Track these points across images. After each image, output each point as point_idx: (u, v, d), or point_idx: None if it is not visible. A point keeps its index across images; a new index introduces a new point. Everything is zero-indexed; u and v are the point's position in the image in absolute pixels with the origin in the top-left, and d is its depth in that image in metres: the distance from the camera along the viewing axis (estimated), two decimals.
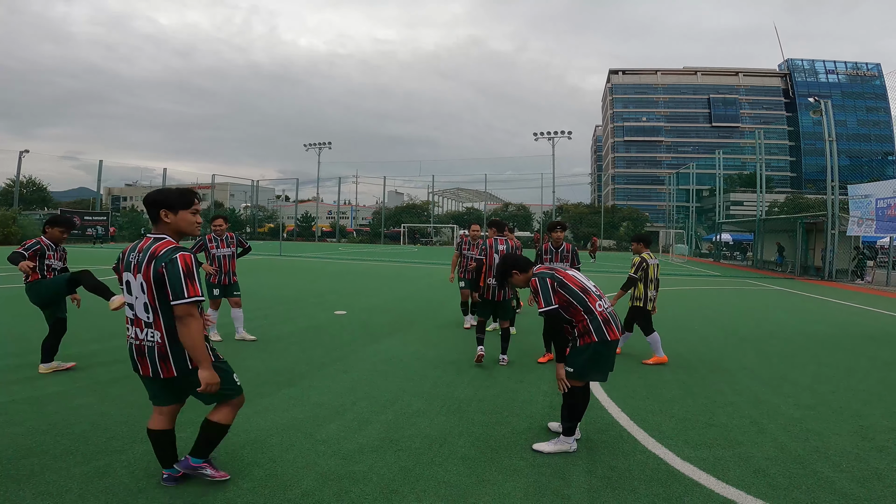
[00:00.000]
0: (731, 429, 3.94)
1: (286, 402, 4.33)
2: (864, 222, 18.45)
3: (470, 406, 4.30)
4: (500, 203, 64.66)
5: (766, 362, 6.17)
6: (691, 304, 12.07)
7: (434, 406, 4.29)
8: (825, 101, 21.93)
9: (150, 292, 2.64)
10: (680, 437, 3.74)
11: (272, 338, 6.84)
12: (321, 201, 70.83)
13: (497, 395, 4.63)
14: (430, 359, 5.92)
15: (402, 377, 5.14)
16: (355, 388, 4.74)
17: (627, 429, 3.88)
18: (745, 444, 3.64)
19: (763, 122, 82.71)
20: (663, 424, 3.99)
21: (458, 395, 4.57)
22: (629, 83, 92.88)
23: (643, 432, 3.81)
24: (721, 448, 3.57)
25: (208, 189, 58.91)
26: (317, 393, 4.60)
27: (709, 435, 3.80)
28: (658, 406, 4.42)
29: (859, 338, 8.06)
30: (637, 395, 4.70)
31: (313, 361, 5.68)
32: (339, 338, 6.92)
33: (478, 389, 4.77)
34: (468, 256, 7.61)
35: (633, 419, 4.07)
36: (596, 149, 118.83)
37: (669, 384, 5.11)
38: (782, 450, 3.56)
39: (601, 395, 4.66)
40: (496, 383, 4.98)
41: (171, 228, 2.75)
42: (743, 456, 3.44)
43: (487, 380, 5.09)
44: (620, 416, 4.15)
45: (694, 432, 3.84)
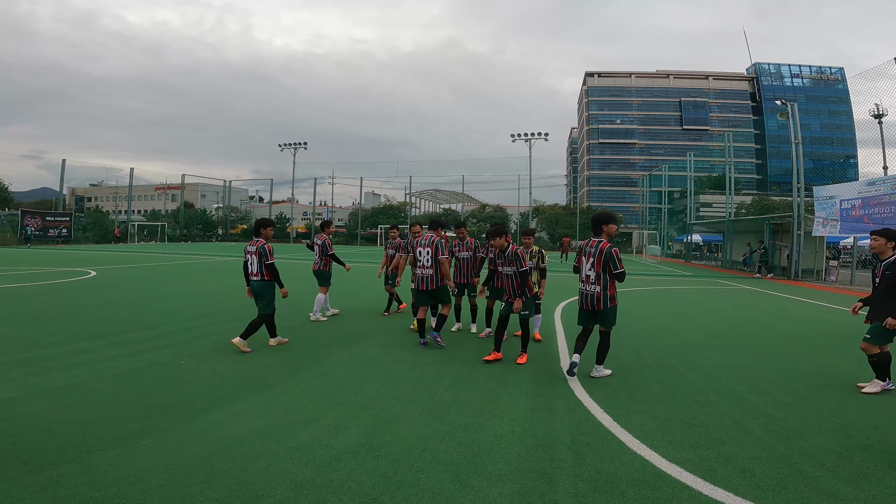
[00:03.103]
0: (714, 428, 3.91)
1: (259, 408, 4.13)
2: (828, 223, 19.03)
3: (450, 409, 4.17)
4: (477, 204, 64.76)
5: (743, 360, 6.22)
6: (666, 303, 12.21)
7: (414, 410, 4.15)
8: (792, 104, 22.55)
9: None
10: (664, 438, 3.68)
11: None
12: (296, 202, 69.75)
13: (478, 397, 4.51)
14: (408, 361, 5.77)
15: (380, 380, 4.98)
16: (331, 393, 4.57)
17: (612, 430, 3.81)
18: (729, 444, 3.61)
19: (731, 125, 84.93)
20: (647, 425, 3.93)
21: (439, 399, 4.44)
22: (604, 86, 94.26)
23: (627, 434, 3.75)
24: (705, 448, 3.53)
25: (178, 190, 57.35)
26: (291, 397, 4.41)
27: (692, 435, 3.76)
28: (640, 406, 4.37)
29: (830, 335, 8.23)
30: (619, 396, 4.65)
31: (288, 365, 5.47)
32: (315, 340, 6.72)
33: (458, 392, 4.64)
34: (462, 258, 7.49)
35: (617, 420, 4.01)
36: (571, 151, 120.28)
37: (650, 384, 5.08)
38: (766, 449, 3.54)
39: (583, 397, 4.59)
40: (476, 386, 4.86)
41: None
42: (728, 456, 3.40)
43: (467, 382, 4.98)
44: (604, 417, 4.08)
45: (678, 433, 3.80)
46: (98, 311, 8.44)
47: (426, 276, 6.50)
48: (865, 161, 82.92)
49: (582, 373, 5.32)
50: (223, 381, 4.85)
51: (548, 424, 3.90)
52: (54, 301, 9.41)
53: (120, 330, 6.92)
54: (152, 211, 67.10)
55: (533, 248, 6.74)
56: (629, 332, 7.72)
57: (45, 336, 6.41)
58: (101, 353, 5.69)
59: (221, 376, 5.00)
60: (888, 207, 15.90)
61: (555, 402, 4.44)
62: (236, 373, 5.13)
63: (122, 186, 62.65)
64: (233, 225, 61.63)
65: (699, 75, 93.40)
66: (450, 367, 5.52)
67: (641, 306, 11.17)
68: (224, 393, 4.50)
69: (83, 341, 6.22)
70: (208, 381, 4.82)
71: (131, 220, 49.29)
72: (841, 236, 23.46)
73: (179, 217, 56.51)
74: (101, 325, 7.16)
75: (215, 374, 5.10)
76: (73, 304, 9.03)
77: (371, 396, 4.48)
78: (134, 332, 6.85)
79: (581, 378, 5.18)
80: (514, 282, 5.81)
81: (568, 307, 10.07)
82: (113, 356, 5.56)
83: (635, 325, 8.51)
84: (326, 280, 8.35)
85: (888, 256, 4.94)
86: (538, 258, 6.75)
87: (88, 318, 7.67)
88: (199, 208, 65.13)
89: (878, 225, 16.58)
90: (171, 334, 6.77)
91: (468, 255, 7.45)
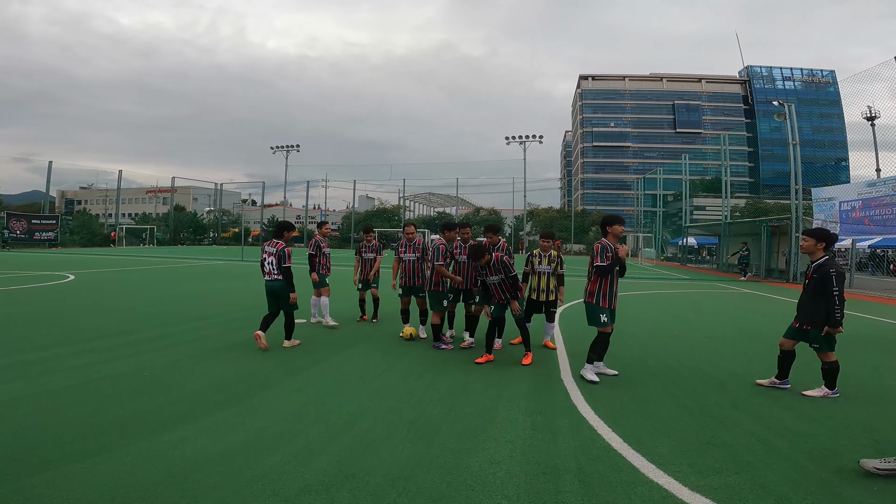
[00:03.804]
0: (738, 448, 3.46)
1: (222, 426, 3.65)
2: (828, 225, 18.72)
3: (440, 429, 3.70)
4: (471, 208, 64.37)
5: (755, 368, 5.78)
6: (667, 306, 11.81)
7: (399, 430, 3.67)
8: (789, 105, 22.31)
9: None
10: (683, 462, 3.23)
11: (218, 349, 6.09)
12: (289, 205, 69.08)
13: (471, 414, 4.04)
14: (397, 371, 5.30)
15: (363, 394, 4.50)
16: (307, 409, 4.08)
17: (623, 453, 3.35)
18: (758, 467, 3.16)
19: (724, 128, 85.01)
20: (661, 446, 3.48)
21: (427, 416, 3.96)
22: (598, 88, 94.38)
23: (641, 457, 3.29)
24: (732, 473, 3.08)
25: (168, 192, 56.57)
26: (261, 414, 3.93)
27: (715, 457, 3.31)
28: (652, 424, 3.92)
29: (840, 341, 7.79)
30: (626, 412, 4.19)
31: (262, 376, 4.98)
32: (294, 349, 6.22)
33: (449, 408, 4.17)
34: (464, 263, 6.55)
35: (628, 441, 3.55)
36: (566, 154, 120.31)
37: (659, 397, 4.63)
38: (801, 472, 3.10)
39: (588, 413, 4.13)
40: (470, 400, 4.39)
41: None
42: (759, 482, 2.96)
43: (460, 396, 4.50)
44: (612, 437, 3.62)
45: (698, 455, 3.35)
46: (65, 317, 7.91)
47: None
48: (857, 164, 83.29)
49: (585, 387, 4.88)
50: (190, 393, 4.37)
51: (550, 447, 3.43)
52: (20, 307, 8.86)
53: (85, 338, 6.41)
54: (143, 214, 66.24)
55: (551, 252, 6.35)
56: (632, 338, 7.29)
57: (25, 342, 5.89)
58: (58, 363, 5.18)
59: (188, 389, 4.52)
60: (889, 209, 15.62)
61: (557, 419, 3.97)
62: (206, 385, 4.64)
63: (111, 189, 61.76)
64: (224, 228, 60.86)
65: (692, 78, 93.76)
66: (442, 379, 5.04)
67: (642, 310, 10.75)
68: (188, 408, 4.02)
69: (38, 351, 5.70)
70: (173, 394, 4.33)
71: (119, 224, 48.47)
72: (840, 238, 23.20)
73: (169, 220, 55.73)
74: (65, 333, 6.63)
75: (182, 385, 4.61)
76: (39, 311, 8.48)
77: (353, 413, 4.00)
78: (100, 339, 6.33)
79: (583, 390, 4.73)
80: (503, 287, 5.72)
81: (566, 312, 9.62)
82: (72, 366, 5.05)
83: (637, 329, 8.08)
84: (323, 282, 7.92)
85: (818, 258, 4.75)
86: (557, 263, 6.32)
87: (53, 326, 7.14)
88: (190, 211, 64.28)
89: (879, 227, 16.32)
90: (139, 343, 6.26)
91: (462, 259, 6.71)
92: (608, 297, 5.12)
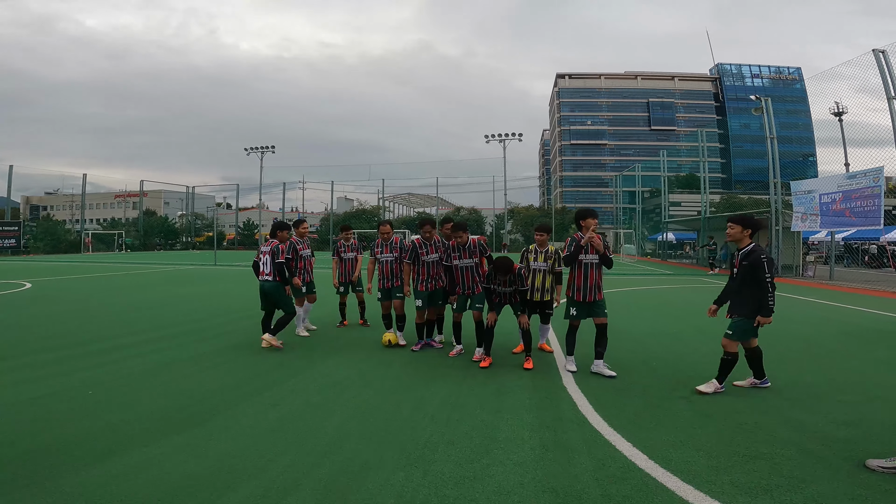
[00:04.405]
0: (782, 461, 3.03)
1: (183, 452, 3.10)
2: (808, 217, 18.79)
3: (436, 452, 3.19)
4: (451, 207, 63.91)
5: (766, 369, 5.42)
6: (657, 303, 11.51)
7: (389, 454, 3.15)
8: (765, 99, 22.42)
9: None
10: (724, 479, 2.79)
11: (182, 360, 5.47)
12: (265, 208, 67.50)
13: (470, 432, 3.53)
14: (384, 384, 4.75)
15: (347, 411, 3.95)
16: (283, 429, 3.53)
17: (650, 473, 2.89)
18: (815, 482, 2.74)
19: (696, 124, 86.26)
20: (694, 462, 3.03)
21: (421, 437, 3.44)
22: (575, 87, 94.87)
23: (672, 476, 2.83)
24: (786, 491, 2.65)
25: (136, 197, 54.76)
26: (229, 437, 3.37)
27: (759, 472, 2.87)
28: (675, 436, 3.46)
29: (844, 337, 7.54)
30: (642, 422, 3.74)
31: (231, 391, 4.40)
32: (269, 358, 5.63)
33: (445, 426, 3.65)
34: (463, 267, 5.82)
35: (653, 457, 3.09)
36: (544, 153, 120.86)
37: (674, 403, 4.20)
38: (866, 486, 2.68)
39: (601, 426, 3.66)
40: (467, 415, 3.88)
41: None
42: (819, 501, 2.53)
43: (455, 410, 3.99)
44: (635, 454, 3.16)
45: (738, 470, 2.91)
46: (9, 329, 7.14)
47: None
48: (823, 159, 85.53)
49: (592, 394, 4.43)
50: (144, 414, 3.78)
51: (566, 469, 2.95)
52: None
53: (31, 350, 5.71)
54: (112, 219, 64.02)
55: (548, 247, 5.82)
56: (629, 338, 6.88)
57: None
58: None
59: (142, 408, 3.92)
60: (871, 200, 15.66)
61: (568, 435, 3.50)
62: (166, 402, 4.05)
63: (77, 195, 59.52)
64: (198, 232, 59.18)
65: (665, 76, 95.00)
66: (433, 391, 4.52)
67: (634, 308, 10.41)
68: (141, 431, 3.44)
69: (45, 355, 5.06)
70: (123, 415, 3.73)
71: (86, 230, 46.63)
72: (811, 231, 23.40)
73: (139, 225, 53.91)
74: (9, 346, 5.91)
75: (134, 404, 4.01)
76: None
77: (335, 434, 3.46)
78: (46, 353, 5.64)
79: (590, 398, 4.27)
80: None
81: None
82: (7, 383, 4.38)
83: (633, 328, 7.70)
84: (310, 288, 7.36)
85: (745, 245, 4.47)
86: (554, 259, 5.77)
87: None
88: (162, 216, 62.35)
89: (861, 219, 16.35)
90: (89, 356, 5.59)
91: (471, 263, 5.80)
92: (582, 290, 5.11)
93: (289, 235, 6.52)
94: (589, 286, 5.13)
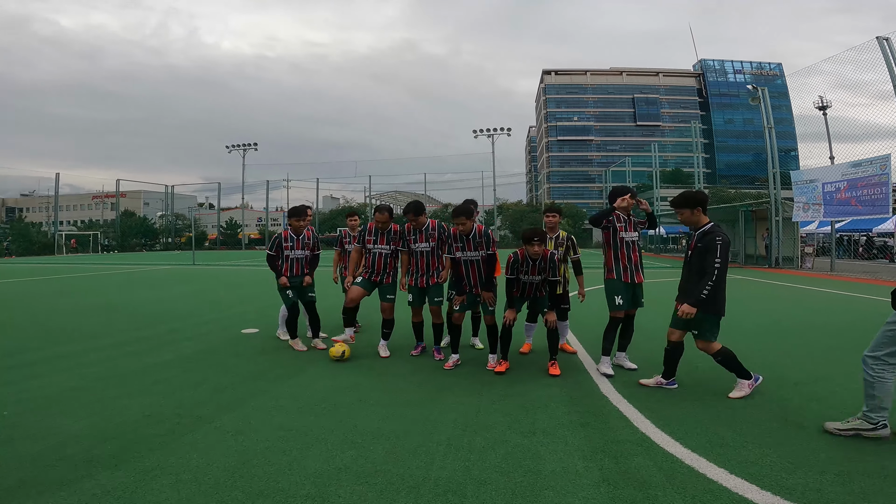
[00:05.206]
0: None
1: (105, 499, 2.16)
2: (810, 207, 18.24)
3: (465, 498, 2.29)
4: (440, 205, 62.97)
5: (816, 363, 4.63)
6: (668, 297, 10.73)
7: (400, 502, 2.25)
8: (762, 89, 21.94)
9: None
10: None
11: (131, 372, 4.49)
12: (249, 208, 65.85)
13: (503, 464, 2.64)
14: (381, 400, 3.82)
15: (335, 439, 3.03)
16: (246, 467, 2.61)
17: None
18: None
19: (680, 120, 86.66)
20: (818, 489, 2.18)
21: (438, 475, 2.54)
22: (561, 83, 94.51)
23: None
24: None
25: (114, 198, 52.94)
26: (172, 478, 2.45)
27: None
28: (777, 456, 2.62)
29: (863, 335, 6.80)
30: (723, 440, 2.89)
31: (185, 412, 3.46)
32: (239, 368, 4.67)
33: (467, 456, 2.75)
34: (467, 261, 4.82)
35: (767, 487, 2.23)
36: (530, 150, 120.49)
37: (749, 412, 3.36)
38: None
39: (674, 448, 2.80)
40: (494, 440, 2.98)
41: None
42: None
43: (478, 434, 3.08)
44: (739, 485, 2.29)
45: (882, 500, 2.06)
46: None
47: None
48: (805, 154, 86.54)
49: (642, 404, 3.58)
50: (71, 439, 2.84)
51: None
52: None
53: None
54: (89, 221, 61.93)
55: (559, 232, 5.07)
56: (659, 336, 6.04)
57: None
58: None
59: (68, 435, 2.98)
60: (878, 188, 15.10)
61: (633, 461, 2.64)
62: (93, 430, 3.09)
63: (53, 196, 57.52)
64: (179, 233, 57.42)
65: (650, 72, 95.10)
66: (442, 407, 3.61)
67: (652, 303, 9.62)
68: (56, 468, 2.50)
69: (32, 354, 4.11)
70: (32, 447, 2.78)
71: (59, 231, 44.80)
72: (806, 221, 22.97)
73: (116, 226, 52.11)
74: None
75: (60, 430, 3.06)
76: None
77: (317, 473, 2.55)
78: None
79: (646, 411, 3.42)
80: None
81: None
82: None
83: (658, 327, 6.87)
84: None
85: (703, 224, 3.85)
86: (567, 247, 5.02)
87: None
88: (140, 216, 60.42)
89: (868, 207, 15.80)
90: (13, 368, 4.58)
91: (476, 256, 4.77)
92: (628, 270, 4.53)
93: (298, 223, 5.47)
94: (634, 265, 4.57)
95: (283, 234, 5.48)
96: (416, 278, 5.09)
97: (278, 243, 5.43)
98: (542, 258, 4.44)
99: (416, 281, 5.08)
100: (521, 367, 4.66)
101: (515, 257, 4.47)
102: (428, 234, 5.09)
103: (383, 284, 5.25)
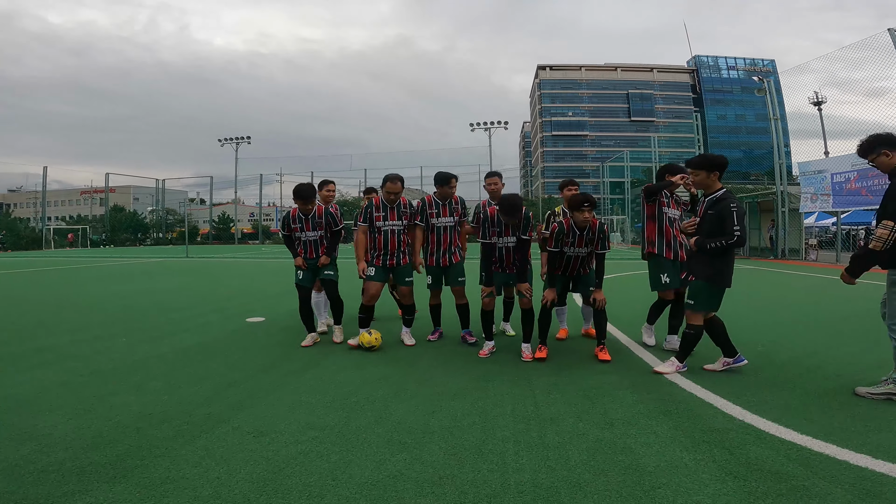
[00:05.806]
0: None
1: None
2: (818, 198, 17.96)
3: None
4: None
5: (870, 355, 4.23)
6: None
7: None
8: (768, 80, 21.63)
9: None
10: None
11: (123, 367, 3.97)
12: (241, 203, 64.91)
13: (591, 460, 2.18)
14: (420, 392, 3.34)
15: (378, 440, 2.55)
16: (279, 477, 2.14)
17: None
18: None
19: (674, 116, 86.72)
20: None
21: (518, 478, 2.07)
22: (556, 79, 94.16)
23: None
24: None
25: (102, 193, 51.92)
26: (187, 496, 1.98)
27: None
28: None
29: None
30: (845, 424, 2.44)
31: (193, 410, 2.95)
32: (241, 364, 4.11)
33: (544, 454, 2.28)
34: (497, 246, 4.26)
35: None
36: (524, 145, 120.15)
37: (866, 408, 2.91)
38: None
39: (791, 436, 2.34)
40: (570, 432, 2.51)
41: None
42: None
43: (546, 426, 2.61)
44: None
45: None
46: None
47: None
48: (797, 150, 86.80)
49: (711, 384, 3.12)
50: (51, 447, 2.35)
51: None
52: None
53: None
54: (78, 216, 60.79)
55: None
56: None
57: None
58: None
59: (54, 437, 2.50)
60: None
61: (746, 450, 2.20)
62: (84, 432, 2.59)
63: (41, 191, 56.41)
64: (170, 228, 56.47)
65: (644, 68, 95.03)
66: (494, 399, 3.14)
67: None
68: (40, 482, 2.02)
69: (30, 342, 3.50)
70: (22, 451, 2.30)
71: (47, 226, 43.83)
72: (808, 213, 22.75)
73: (105, 220, 51.12)
74: None
75: (44, 432, 2.57)
76: None
77: (369, 482, 2.08)
78: None
79: (728, 396, 2.96)
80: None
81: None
82: None
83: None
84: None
85: (715, 190, 3.59)
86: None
87: None
88: (130, 211, 59.37)
89: (878, 197, 15.47)
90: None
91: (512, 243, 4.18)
92: (672, 245, 4.22)
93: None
94: (679, 241, 4.28)
95: (292, 212, 4.84)
96: (436, 257, 4.62)
97: (287, 223, 4.89)
98: (591, 228, 3.98)
99: (438, 260, 4.61)
100: (559, 354, 4.21)
101: (560, 227, 4.00)
102: (452, 209, 4.65)
103: (399, 267, 4.66)
